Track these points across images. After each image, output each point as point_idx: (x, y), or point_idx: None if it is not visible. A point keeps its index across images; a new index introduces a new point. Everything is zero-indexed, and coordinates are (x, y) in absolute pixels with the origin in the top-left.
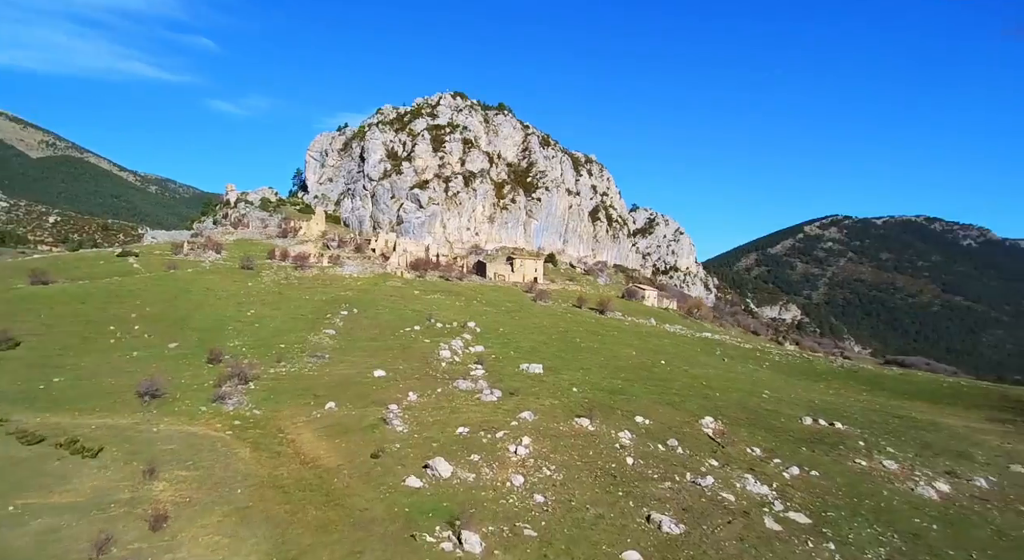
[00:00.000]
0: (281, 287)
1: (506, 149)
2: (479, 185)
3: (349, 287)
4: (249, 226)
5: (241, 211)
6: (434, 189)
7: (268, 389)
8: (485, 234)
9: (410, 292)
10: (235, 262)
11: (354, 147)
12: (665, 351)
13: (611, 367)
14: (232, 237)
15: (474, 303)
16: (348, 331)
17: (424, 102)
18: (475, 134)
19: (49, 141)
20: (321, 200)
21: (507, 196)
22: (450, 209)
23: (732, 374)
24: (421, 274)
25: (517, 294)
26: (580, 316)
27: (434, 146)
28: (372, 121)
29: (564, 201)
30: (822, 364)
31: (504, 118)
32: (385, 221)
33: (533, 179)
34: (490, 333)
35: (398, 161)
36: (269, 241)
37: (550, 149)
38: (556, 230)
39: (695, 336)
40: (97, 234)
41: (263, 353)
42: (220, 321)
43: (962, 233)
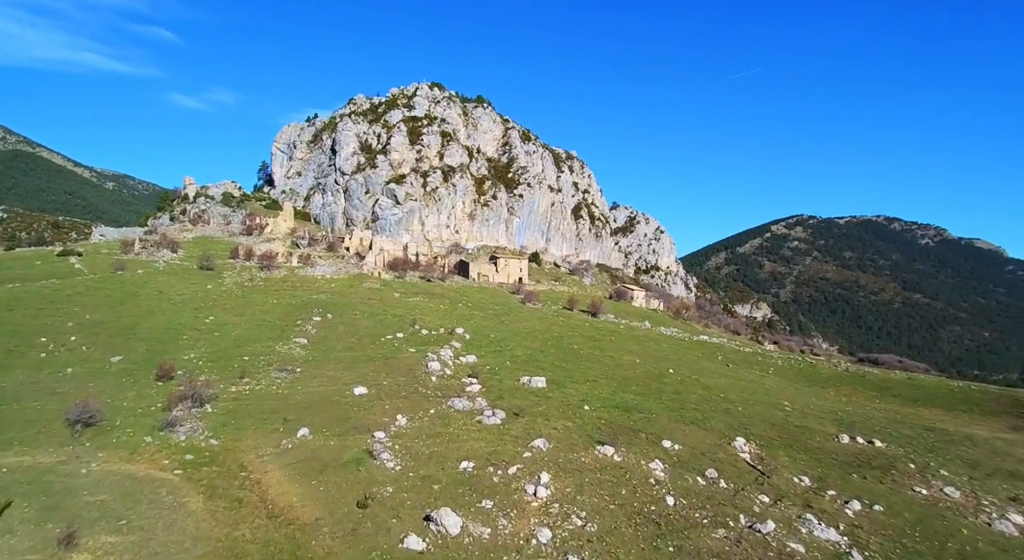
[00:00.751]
0: (245, 290)
1: (486, 143)
2: (459, 180)
3: (322, 289)
4: (210, 223)
5: (201, 206)
6: (411, 184)
7: (228, 412)
8: (466, 232)
9: (389, 295)
10: (193, 262)
11: (325, 139)
12: (668, 358)
13: (618, 378)
14: (191, 235)
15: (459, 306)
16: (322, 340)
17: (400, 93)
18: (454, 127)
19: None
20: (289, 195)
21: (488, 192)
22: (428, 205)
23: (743, 383)
24: (400, 275)
25: (504, 296)
26: (572, 319)
27: (411, 139)
28: (344, 112)
29: (546, 198)
30: (826, 368)
31: (484, 111)
32: (359, 218)
33: (514, 175)
34: (481, 340)
35: (372, 154)
36: (232, 239)
37: (531, 144)
38: (539, 228)
39: (692, 340)
40: (47, 232)
41: (223, 367)
42: (173, 330)
43: (920, 233)
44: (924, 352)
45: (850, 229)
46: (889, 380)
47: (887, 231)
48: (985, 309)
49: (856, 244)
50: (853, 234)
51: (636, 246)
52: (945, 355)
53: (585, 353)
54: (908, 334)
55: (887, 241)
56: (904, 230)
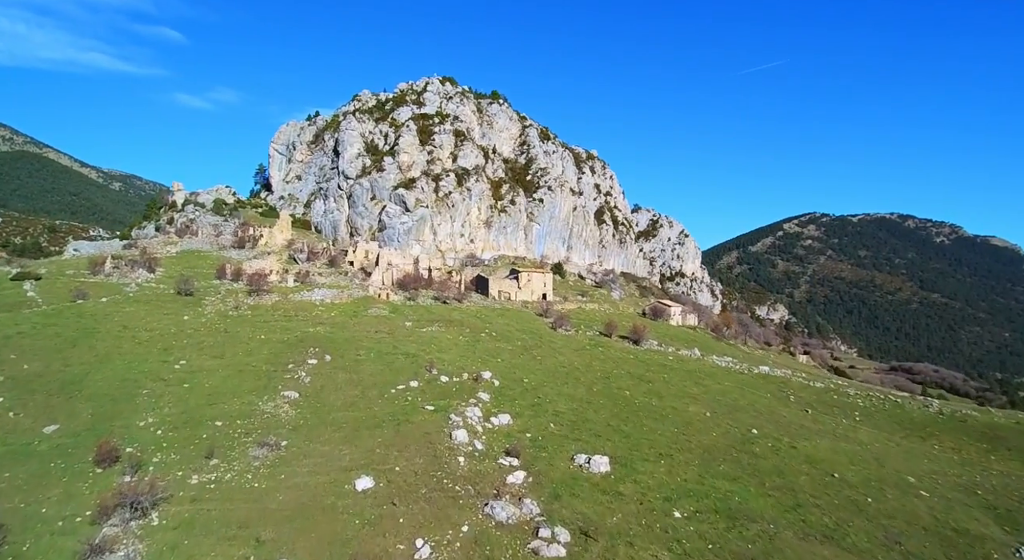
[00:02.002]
0: (228, 322)
1: (502, 143)
2: (474, 184)
3: (320, 319)
4: (198, 234)
5: (189, 215)
6: (422, 189)
7: (182, 525)
8: (481, 241)
9: (400, 324)
10: (171, 285)
11: (327, 139)
12: (739, 405)
13: (697, 448)
14: (175, 248)
15: (482, 336)
16: (317, 392)
17: (409, 88)
18: (468, 125)
19: (5, 136)
20: (288, 201)
21: (505, 197)
22: (441, 212)
23: (843, 444)
24: (411, 296)
25: (530, 320)
26: (613, 349)
27: (421, 139)
28: (348, 109)
29: (568, 202)
30: (916, 410)
31: (499, 108)
32: (364, 226)
33: (533, 177)
34: (513, 387)
35: (379, 156)
36: (221, 253)
37: (550, 143)
38: (559, 235)
39: (752, 373)
40: (43, 237)
41: (187, 440)
42: (132, 381)
43: (935, 230)
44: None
45: (864, 227)
46: (995, 426)
47: (901, 229)
48: (1004, 309)
49: (871, 242)
50: (867, 232)
51: (659, 251)
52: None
53: (642, 403)
54: (927, 335)
55: (902, 239)
56: (919, 228)
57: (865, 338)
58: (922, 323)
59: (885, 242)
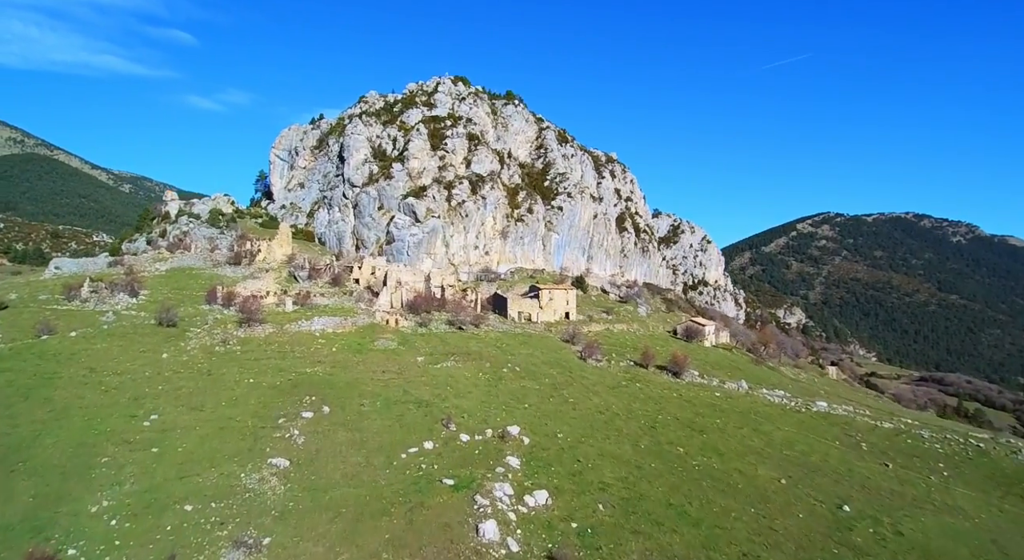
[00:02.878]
0: (213, 361)
1: (518, 147)
2: (489, 191)
3: (319, 356)
4: (191, 248)
5: (183, 227)
6: (433, 197)
7: None
8: (497, 252)
9: (410, 360)
10: (153, 313)
11: (331, 144)
12: (813, 464)
13: (785, 541)
14: (165, 265)
15: (505, 373)
16: (311, 460)
17: (419, 88)
18: (481, 128)
19: (16, 138)
20: (289, 211)
21: (522, 205)
22: (454, 222)
23: (951, 520)
24: (423, 320)
25: (556, 348)
26: (653, 385)
27: (432, 143)
28: (354, 111)
29: (588, 209)
30: (1005, 458)
31: (515, 109)
32: (371, 239)
33: (551, 183)
34: (547, 447)
35: (387, 162)
36: (215, 271)
37: (569, 147)
38: (579, 245)
39: (811, 411)
40: (45, 242)
41: (146, 535)
42: (90, 447)
43: (951, 230)
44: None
45: (879, 227)
46: None
47: (917, 229)
48: None
49: (886, 242)
50: (883, 232)
51: (681, 259)
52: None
53: (702, 465)
54: (946, 338)
55: (917, 239)
56: (934, 227)
57: (883, 341)
58: (941, 326)
59: (901, 242)
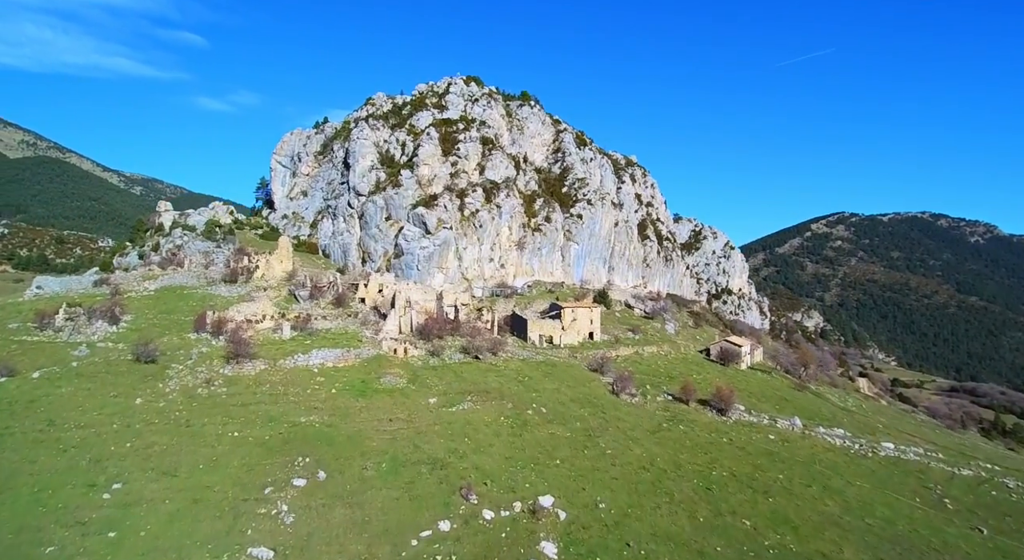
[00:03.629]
0: (194, 408)
1: (534, 150)
2: (504, 200)
3: (317, 400)
4: (185, 264)
5: (176, 241)
6: (445, 207)
7: None
8: (513, 265)
9: (421, 402)
10: (132, 345)
11: (336, 150)
12: (904, 538)
13: None
14: (154, 284)
15: (529, 417)
16: (301, 549)
17: (429, 89)
18: (496, 131)
19: (30, 141)
20: (291, 221)
21: (539, 213)
22: (467, 234)
23: None
24: (435, 349)
25: (584, 380)
26: (698, 427)
27: (444, 148)
28: (360, 114)
29: (609, 217)
30: None
31: (531, 111)
32: (379, 251)
33: (570, 189)
34: (587, 525)
35: (395, 168)
36: (208, 290)
37: (587, 150)
38: (600, 255)
39: (878, 456)
40: (49, 248)
41: None
42: (34, 531)
43: (969, 229)
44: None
45: (895, 227)
46: None
47: (934, 228)
48: None
49: (903, 243)
50: (899, 232)
51: (704, 266)
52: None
53: (775, 545)
54: (966, 341)
55: (935, 239)
56: (951, 227)
57: (902, 345)
58: (961, 329)
59: (918, 243)
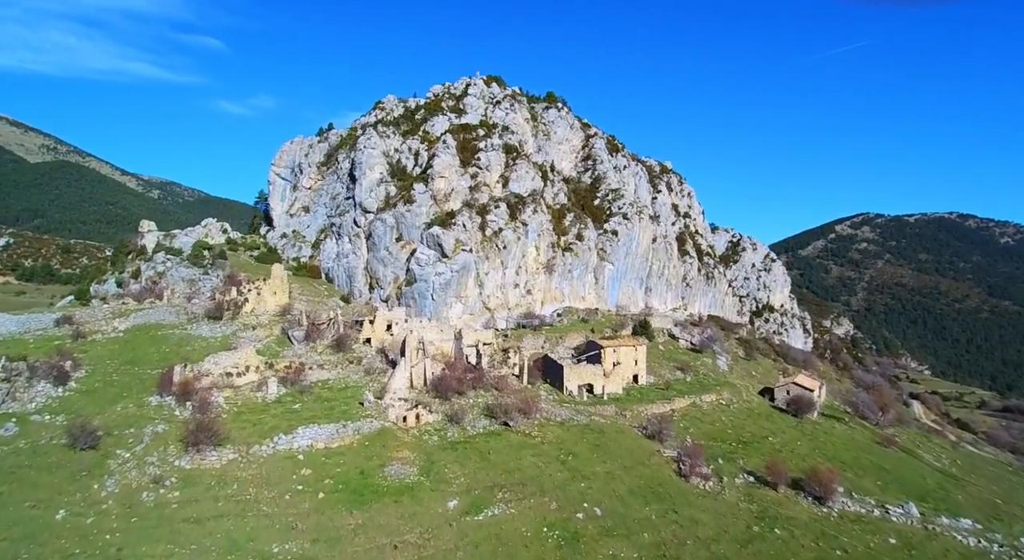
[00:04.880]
0: (132, 525)
1: (561, 158)
2: (531, 216)
3: (298, 511)
4: (165, 295)
5: (159, 267)
6: (463, 226)
7: None
8: (541, 290)
9: (436, 509)
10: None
11: (341, 160)
12: None
13: None
14: (126, 323)
15: (580, 524)
16: None
17: (445, 91)
18: (520, 138)
19: (50, 145)
20: (291, 241)
21: (570, 230)
22: (489, 257)
23: None
24: (453, 412)
25: (640, 455)
26: (799, 532)
27: (462, 157)
28: (368, 120)
29: (647, 232)
30: None
31: (557, 114)
32: (388, 277)
33: (603, 202)
34: None
35: (407, 181)
36: (188, 330)
37: (620, 156)
38: (637, 275)
39: None
40: (55, 258)
41: None
42: None
43: (998, 230)
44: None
45: (922, 228)
46: None
47: (962, 229)
48: None
49: (931, 245)
50: (927, 234)
51: (743, 280)
52: None
53: None
54: (1000, 348)
55: (963, 241)
56: (980, 228)
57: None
58: (994, 334)
59: (947, 244)
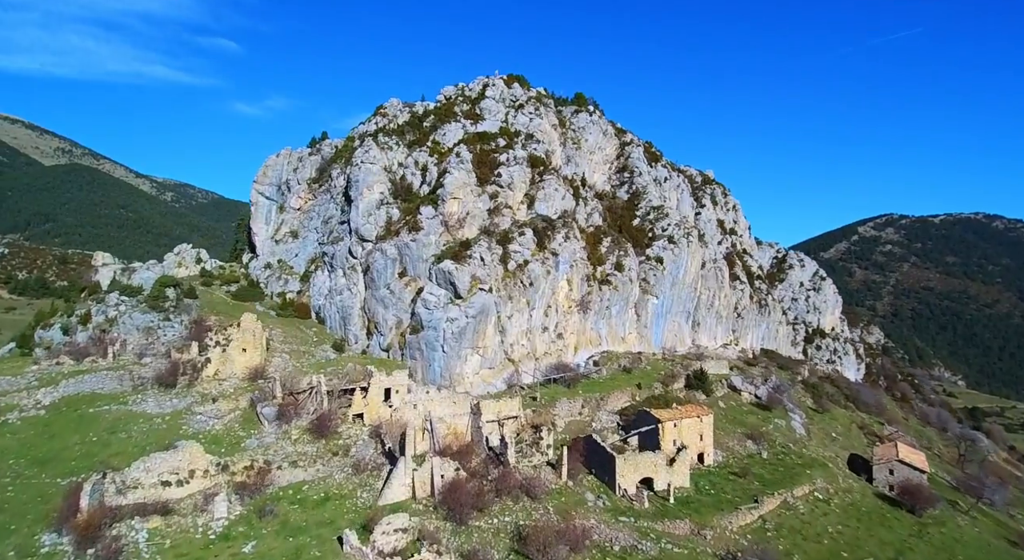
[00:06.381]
0: None
1: (593, 170)
2: (562, 243)
3: None
4: (110, 351)
5: (110, 311)
6: (481, 258)
7: None
8: (574, 332)
9: None
10: None
11: (335, 177)
12: None
13: None
14: (54, 394)
15: None
16: None
17: (458, 93)
18: (548, 147)
19: (65, 148)
20: (276, 273)
21: (607, 258)
22: (513, 296)
23: None
24: (471, 549)
25: None
26: None
27: (479, 173)
28: (367, 129)
29: (696, 258)
30: None
31: (588, 118)
32: (389, 320)
33: (643, 222)
34: None
35: (413, 203)
36: (128, 406)
37: (660, 167)
38: (683, 308)
39: None
40: (50, 270)
41: None
42: None
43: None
44: None
45: (948, 229)
46: None
47: (990, 231)
48: None
49: (958, 247)
50: (953, 235)
51: (790, 301)
52: None
53: None
54: None
55: (991, 242)
56: (1009, 229)
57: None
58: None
59: (974, 246)
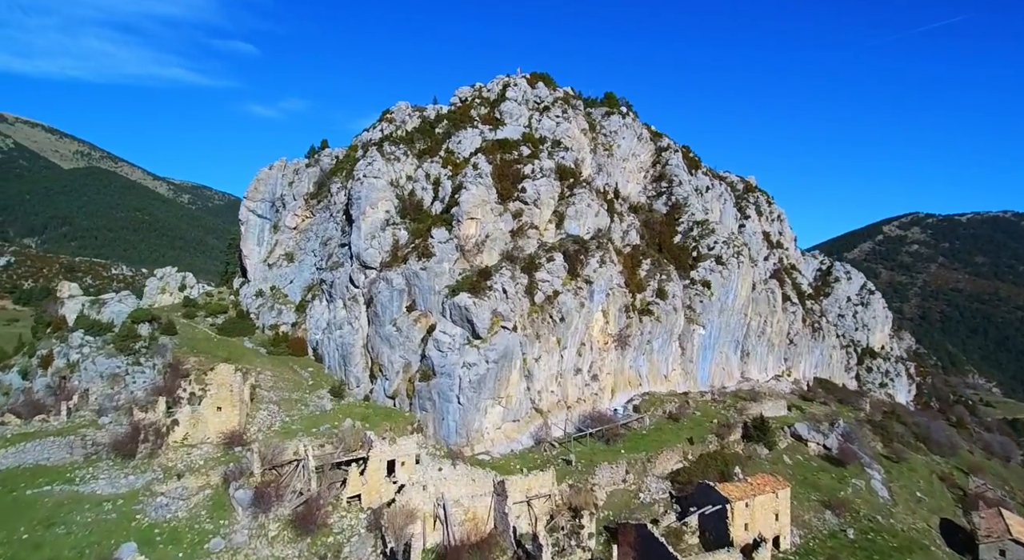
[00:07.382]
0: None
1: (626, 179)
2: (597, 269)
3: None
4: (65, 407)
5: (72, 354)
6: (504, 290)
7: None
8: (610, 373)
9: None
10: None
11: (335, 192)
12: None
13: None
14: None
15: None
16: None
17: (475, 95)
18: (578, 155)
19: (84, 151)
20: (268, 302)
21: (647, 283)
22: (541, 334)
23: None
24: None
25: None
26: None
27: (500, 188)
28: (371, 136)
29: (747, 279)
30: None
31: (621, 121)
32: (396, 362)
33: (685, 238)
34: None
35: (423, 223)
36: (75, 485)
37: (701, 175)
38: (732, 337)
39: None
40: (57, 278)
41: None
42: None
43: None
44: None
45: (976, 228)
46: None
47: (1019, 229)
48: None
49: (987, 246)
50: (981, 234)
51: (836, 318)
52: None
53: None
54: None
55: (1021, 242)
56: None
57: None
58: None
59: (1004, 246)
